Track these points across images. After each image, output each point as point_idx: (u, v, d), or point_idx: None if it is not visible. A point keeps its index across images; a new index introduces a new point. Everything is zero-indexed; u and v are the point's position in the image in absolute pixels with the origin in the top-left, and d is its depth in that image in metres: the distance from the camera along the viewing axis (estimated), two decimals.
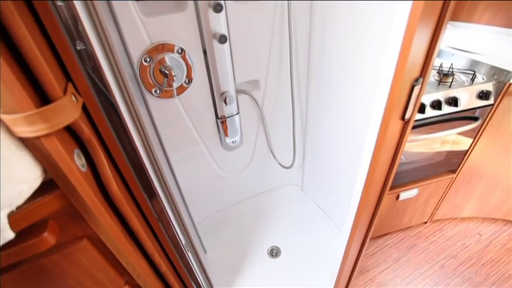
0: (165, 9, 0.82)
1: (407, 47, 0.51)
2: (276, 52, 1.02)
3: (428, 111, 1.02)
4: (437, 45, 0.52)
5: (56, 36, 0.39)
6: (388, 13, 0.68)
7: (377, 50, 0.77)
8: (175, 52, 0.87)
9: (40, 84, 0.37)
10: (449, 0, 0.50)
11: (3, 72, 0.33)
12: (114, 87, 0.50)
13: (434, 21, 0.56)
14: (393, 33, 0.60)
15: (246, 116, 1.14)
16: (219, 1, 0.79)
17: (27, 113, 0.35)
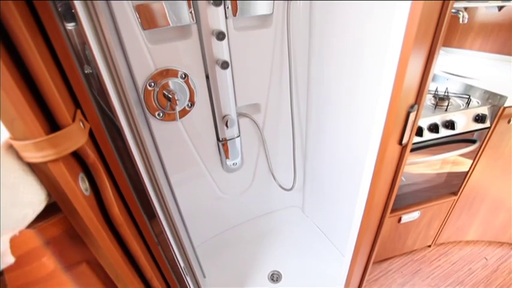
0: (171, 37, 0.86)
1: (402, 74, 0.53)
2: (276, 77, 1.06)
3: (426, 134, 1.04)
4: (431, 72, 0.54)
5: (66, 61, 0.41)
6: (384, 40, 0.71)
7: (374, 75, 0.80)
8: (178, 77, 0.90)
9: (50, 111, 0.39)
10: (440, 28, 0.53)
11: (17, 100, 0.35)
12: (119, 111, 0.52)
13: (427, 47, 0.59)
14: (388, 60, 0.64)
15: (247, 138, 1.16)
16: (222, 30, 0.83)
17: (37, 140, 0.36)
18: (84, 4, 0.63)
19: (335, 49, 0.91)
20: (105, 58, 0.63)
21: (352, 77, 0.88)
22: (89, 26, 0.57)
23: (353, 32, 0.82)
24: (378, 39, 0.73)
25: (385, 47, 0.70)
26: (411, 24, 0.55)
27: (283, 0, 0.92)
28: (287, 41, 0.97)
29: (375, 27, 0.73)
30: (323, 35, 0.94)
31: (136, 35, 0.80)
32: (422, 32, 0.54)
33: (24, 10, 0.34)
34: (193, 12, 0.83)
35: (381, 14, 0.69)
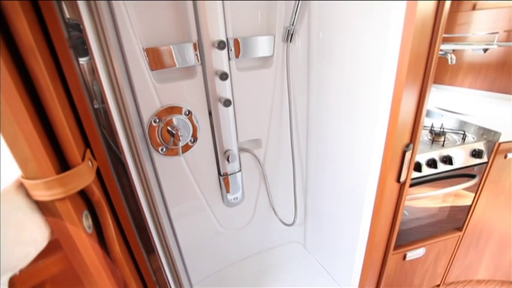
0: (177, 77, 0.92)
1: (396, 111, 0.56)
2: (277, 113, 1.10)
3: (424, 169, 1.05)
4: (424, 110, 0.57)
5: (80, 102, 0.44)
6: (377, 78, 0.75)
7: (369, 114, 0.83)
8: (183, 114, 0.94)
9: (62, 150, 0.41)
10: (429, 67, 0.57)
11: (33, 141, 0.37)
12: (126, 148, 0.54)
13: (418, 86, 0.63)
14: (382, 98, 0.67)
15: (248, 173, 1.17)
16: (225, 71, 0.89)
17: (48, 179, 0.38)
18: (98, 42, 0.69)
19: (332, 88, 0.96)
20: (115, 95, 0.67)
21: (349, 115, 0.91)
22: (102, 65, 0.62)
23: (349, 70, 0.87)
24: (372, 78, 0.78)
25: (379, 85, 0.74)
26: (402, 63, 0.60)
27: (283, 42, 0.99)
28: (287, 80, 1.02)
29: (369, 65, 0.77)
30: (320, 73, 1.00)
31: (144, 74, 0.85)
32: (413, 71, 0.59)
33: (45, 50, 0.37)
34: (198, 55, 0.89)
35: (374, 53, 0.74)
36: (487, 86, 1.56)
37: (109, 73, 0.77)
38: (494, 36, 1.41)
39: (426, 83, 0.64)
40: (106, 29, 0.74)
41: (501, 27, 1.42)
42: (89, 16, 0.68)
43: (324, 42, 0.94)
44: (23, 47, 0.33)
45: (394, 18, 0.65)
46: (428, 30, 0.64)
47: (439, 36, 0.64)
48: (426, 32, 0.64)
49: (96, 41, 0.69)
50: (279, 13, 0.94)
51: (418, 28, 0.61)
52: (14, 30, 0.32)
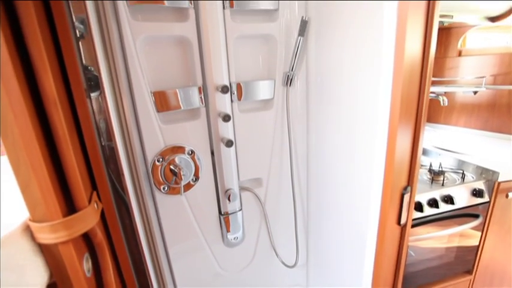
0: (181, 118, 0.96)
1: (392, 151, 0.58)
2: (277, 153, 1.12)
3: (426, 209, 1.04)
4: (419, 152, 0.59)
5: (91, 146, 0.46)
6: (373, 119, 0.79)
7: (366, 155, 0.85)
8: (186, 153, 0.96)
9: (70, 193, 0.42)
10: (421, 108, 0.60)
11: (44, 183, 0.38)
12: (130, 187, 0.56)
13: (411, 126, 0.66)
14: (378, 138, 0.70)
15: (249, 212, 1.16)
16: (228, 113, 0.93)
17: (54, 222, 0.39)
18: (111, 86, 0.73)
19: (330, 129, 1.00)
20: (123, 134, 0.70)
21: (347, 156, 0.94)
22: (113, 106, 0.66)
23: (345, 112, 0.91)
24: (367, 119, 0.81)
25: (374, 126, 0.77)
26: (394, 105, 0.63)
27: (283, 86, 1.05)
28: (287, 121, 1.07)
29: (364, 107, 0.82)
30: (319, 115, 1.05)
31: (150, 115, 0.89)
32: (406, 112, 0.62)
33: (65, 102, 0.41)
34: (203, 98, 0.94)
35: (368, 96, 0.79)
36: (481, 125, 1.61)
37: (119, 114, 0.81)
38: (482, 80, 1.49)
39: (419, 124, 0.67)
40: (119, 72, 0.81)
41: (487, 71, 1.51)
42: (105, 61, 0.74)
43: (322, 87, 1.00)
44: (47, 100, 0.36)
45: (384, 64, 0.70)
46: (417, 74, 0.70)
47: (428, 79, 0.69)
48: (415, 76, 0.69)
49: (109, 84, 0.74)
50: (279, 59, 1.02)
51: (407, 72, 0.66)
52: (40, 84, 0.36)
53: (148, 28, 0.83)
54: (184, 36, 0.88)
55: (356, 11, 0.80)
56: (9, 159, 0.37)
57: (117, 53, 0.80)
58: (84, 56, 0.60)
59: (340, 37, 0.88)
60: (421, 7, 0.67)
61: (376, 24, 0.72)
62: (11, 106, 0.33)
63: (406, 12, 0.62)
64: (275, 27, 0.97)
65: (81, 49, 0.57)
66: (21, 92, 0.33)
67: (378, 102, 0.74)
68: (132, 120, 0.86)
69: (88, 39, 0.67)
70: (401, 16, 0.64)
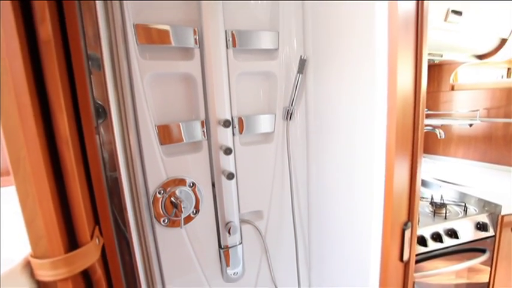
0: (184, 151, 0.98)
1: (390, 185, 0.59)
2: (278, 185, 1.13)
3: (430, 244, 1.02)
4: (417, 185, 0.60)
5: (97, 183, 0.48)
6: (370, 151, 0.80)
7: (365, 187, 0.86)
8: (187, 185, 0.97)
9: (74, 228, 0.43)
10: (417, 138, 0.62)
11: (49, 219, 0.39)
12: (132, 221, 0.56)
13: (408, 158, 0.67)
14: (375, 172, 0.71)
15: (249, 246, 1.13)
16: (229, 146, 0.95)
17: (55, 259, 0.39)
18: (119, 118, 0.76)
19: (330, 161, 1.01)
20: (127, 165, 0.71)
21: (347, 189, 0.94)
22: (119, 137, 0.68)
23: (344, 144, 0.93)
24: (365, 151, 0.83)
25: (372, 158, 0.79)
26: (390, 137, 0.65)
27: (283, 120, 1.08)
28: (287, 154, 1.09)
29: (361, 139, 0.84)
30: (318, 148, 1.07)
31: (154, 148, 0.91)
32: (402, 144, 0.64)
33: (76, 140, 0.43)
34: (205, 131, 0.97)
35: (364, 128, 0.82)
36: (479, 157, 1.62)
37: (124, 146, 0.83)
38: (476, 113, 1.53)
39: (416, 156, 0.69)
40: (127, 107, 0.84)
41: (481, 105, 1.56)
42: (115, 96, 0.78)
43: (321, 121, 1.03)
44: (59, 138, 0.38)
45: (378, 98, 0.74)
46: (410, 107, 0.73)
47: (421, 111, 0.72)
48: (408, 108, 0.72)
49: (117, 118, 0.77)
50: (279, 95, 1.06)
51: (400, 105, 0.69)
52: (55, 123, 0.38)
53: (156, 66, 0.88)
54: (189, 74, 0.93)
55: (350, 50, 0.86)
56: (18, 194, 0.38)
57: (127, 88, 0.84)
58: (93, 89, 0.63)
59: (337, 74, 0.93)
60: (410, 45, 0.72)
61: (369, 62, 0.77)
62: (26, 145, 0.35)
63: (396, 51, 0.66)
64: (275, 65, 1.03)
65: (92, 84, 0.61)
66: (37, 131, 0.35)
67: (374, 134, 0.76)
68: (136, 153, 0.88)
69: (98, 74, 0.71)
70: (391, 54, 0.68)
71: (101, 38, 0.61)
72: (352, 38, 0.85)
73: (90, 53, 0.73)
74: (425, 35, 0.72)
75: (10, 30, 0.34)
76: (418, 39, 0.73)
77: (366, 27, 0.78)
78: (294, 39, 1.05)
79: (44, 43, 0.35)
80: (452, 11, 1.05)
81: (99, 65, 0.67)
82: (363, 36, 0.80)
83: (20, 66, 0.34)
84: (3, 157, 0.87)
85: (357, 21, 0.82)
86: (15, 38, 0.34)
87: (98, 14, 0.69)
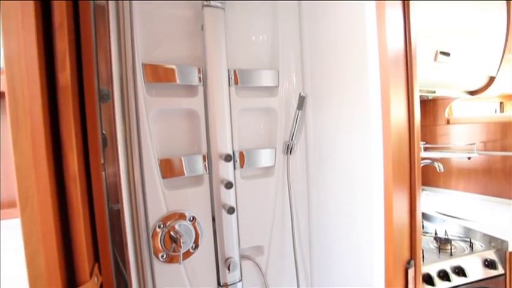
0: (185, 184, 0.99)
1: (390, 219, 0.59)
2: (279, 219, 1.12)
3: (437, 283, 0.98)
4: (418, 217, 0.60)
5: (101, 224, 0.48)
6: (368, 184, 0.81)
7: (366, 222, 0.85)
8: (187, 219, 0.96)
9: (74, 266, 0.42)
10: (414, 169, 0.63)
11: (51, 257, 0.39)
12: (132, 258, 0.55)
13: (407, 190, 0.67)
14: (375, 204, 0.71)
15: (249, 283, 1.09)
16: (230, 180, 0.96)
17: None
18: (125, 152, 0.78)
19: (330, 194, 1.02)
20: (130, 201, 0.72)
21: (348, 223, 0.93)
22: (124, 171, 0.69)
23: (344, 177, 0.94)
24: (364, 184, 0.84)
25: (371, 190, 0.79)
26: (387, 169, 0.66)
27: (283, 154, 1.10)
28: (288, 187, 1.09)
29: (360, 171, 0.85)
30: (319, 181, 1.07)
31: (156, 181, 0.92)
32: (399, 175, 0.65)
33: (83, 178, 0.44)
34: (207, 165, 0.98)
35: (362, 161, 0.83)
36: (481, 190, 1.62)
37: (128, 179, 0.84)
38: (473, 147, 1.56)
39: (414, 189, 0.69)
40: (133, 142, 0.87)
41: (477, 138, 1.60)
42: (122, 131, 0.80)
43: (321, 154, 1.05)
44: (68, 175, 0.40)
45: (374, 131, 0.77)
46: (405, 140, 0.75)
47: (416, 144, 0.74)
48: (403, 141, 0.74)
49: (123, 151, 0.80)
50: (280, 129, 1.09)
51: (395, 138, 0.71)
52: (65, 162, 0.40)
53: (161, 102, 0.93)
54: (192, 109, 0.97)
55: (346, 87, 0.90)
56: (23, 231, 0.38)
57: (133, 124, 0.87)
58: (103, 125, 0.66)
59: (335, 110, 0.97)
60: (401, 81, 0.76)
61: (364, 98, 0.81)
62: (37, 183, 0.37)
63: (388, 86, 0.70)
64: (276, 101, 1.07)
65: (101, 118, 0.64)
66: (48, 170, 0.37)
67: (372, 168, 0.78)
68: (139, 187, 0.89)
69: (106, 106, 0.75)
70: (384, 89, 0.72)
71: (113, 75, 0.65)
72: (347, 75, 0.90)
73: (102, 88, 0.77)
74: (415, 71, 0.77)
75: (33, 76, 0.37)
76: (408, 75, 0.78)
77: (360, 64, 0.83)
78: (294, 76, 1.11)
79: (62, 89, 0.38)
80: (441, 52, 1.12)
81: (108, 99, 0.71)
82: (357, 73, 0.85)
83: (39, 110, 0.36)
84: (4, 190, 0.88)
85: (350, 58, 0.88)
86: (37, 83, 0.37)
87: (112, 54, 0.74)
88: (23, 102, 0.37)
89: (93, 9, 0.50)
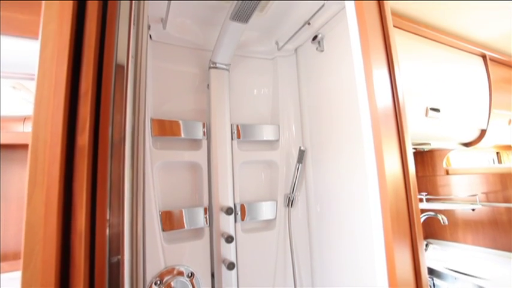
0: (185, 237, 0.97)
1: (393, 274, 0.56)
2: (281, 273, 1.07)
3: None
4: (424, 273, 0.57)
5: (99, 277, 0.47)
6: (369, 235, 0.79)
7: (369, 275, 0.81)
8: (185, 275, 0.92)
9: None
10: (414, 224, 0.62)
11: None
12: None
13: (408, 243, 0.66)
14: (377, 259, 0.69)
15: None
16: (231, 234, 0.95)
17: None
18: (130, 203, 0.78)
19: (333, 246, 0.99)
20: (131, 255, 0.70)
21: (352, 281, 0.89)
22: (128, 223, 0.68)
23: (346, 231, 0.92)
24: (365, 235, 0.82)
25: (372, 239, 0.77)
26: (386, 222, 0.66)
27: (285, 207, 1.10)
28: (289, 240, 1.06)
29: (360, 223, 0.84)
30: (321, 232, 1.05)
31: (156, 235, 0.91)
32: (399, 229, 0.64)
33: (87, 234, 0.44)
34: (207, 218, 0.98)
35: (361, 211, 0.83)
36: (490, 243, 1.56)
37: (131, 233, 0.83)
38: (476, 198, 1.55)
39: (416, 242, 0.68)
40: (139, 194, 0.88)
41: (478, 189, 1.59)
42: (129, 184, 0.82)
43: (322, 205, 1.05)
44: (74, 231, 0.41)
45: (371, 183, 0.78)
46: (402, 191, 0.75)
47: (413, 195, 0.74)
48: (400, 193, 0.75)
49: (129, 204, 0.80)
50: (280, 182, 1.11)
51: (391, 190, 0.72)
52: (74, 217, 0.41)
53: (166, 155, 0.96)
54: (195, 162, 1.00)
55: (342, 140, 0.95)
56: None
57: (141, 176, 0.89)
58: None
59: (333, 163, 1.00)
60: (392, 133, 0.79)
61: (359, 150, 0.85)
62: (44, 239, 0.38)
63: (380, 139, 0.74)
64: (276, 154, 1.11)
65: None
66: (56, 227, 0.38)
67: (372, 219, 0.77)
68: (140, 240, 0.87)
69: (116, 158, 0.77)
70: (376, 141, 0.75)
71: (126, 132, 0.69)
72: (343, 129, 0.95)
73: (114, 140, 0.81)
74: (405, 124, 0.81)
75: (56, 139, 0.41)
76: (399, 128, 0.82)
77: (353, 119, 0.89)
78: (293, 129, 1.17)
79: (79, 149, 0.42)
80: (431, 108, 1.19)
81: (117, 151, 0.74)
82: (351, 127, 0.90)
83: (56, 170, 0.39)
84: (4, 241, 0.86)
85: (345, 113, 0.94)
86: (58, 145, 0.40)
87: (127, 111, 0.80)
88: (43, 163, 0.40)
89: (114, 71, 0.56)
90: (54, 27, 0.44)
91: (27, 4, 0.82)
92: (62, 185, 0.40)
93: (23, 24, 0.80)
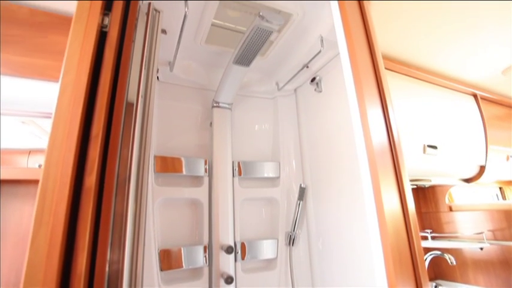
0: (183, 278, 0.94)
1: None
2: None
3: None
4: None
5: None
6: (371, 278, 0.77)
7: None
8: None
9: None
10: None
11: None
12: None
13: (412, 281, 0.63)
14: None
15: None
16: (231, 274, 0.92)
17: None
18: (131, 239, 0.77)
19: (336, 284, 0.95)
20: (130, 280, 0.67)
21: None
22: (128, 262, 0.67)
23: (349, 269, 0.89)
24: (369, 277, 0.79)
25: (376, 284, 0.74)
26: (388, 262, 0.64)
27: (286, 246, 1.07)
28: (291, 281, 1.02)
29: (363, 263, 0.82)
30: (323, 271, 1.01)
31: (153, 275, 0.88)
32: (401, 269, 0.62)
33: None
34: (207, 257, 0.95)
35: (363, 251, 0.80)
36: (503, 285, 1.48)
37: (131, 271, 0.81)
38: (482, 236, 1.51)
39: (420, 284, 0.66)
40: (141, 233, 0.87)
41: (484, 226, 1.56)
42: (132, 224, 0.81)
43: (323, 243, 1.03)
44: (74, 273, 0.41)
45: (371, 221, 0.77)
46: (402, 228, 0.74)
47: (414, 232, 0.72)
48: (401, 230, 0.73)
49: (130, 244, 0.79)
50: (281, 220, 1.10)
51: (391, 227, 0.70)
52: (74, 259, 0.41)
53: (167, 192, 0.97)
54: (196, 199, 1.00)
55: (341, 177, 0.96)
56: None
57: (143, 214, 0.89)
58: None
59: (334, 200, 1.00)
60: (389, 169, 0.80)
61: (359, 189, 0.85)
62: (43, 282, 0.37)
63: (377, 174, 0.74)
64: (277, 191, 1.12)
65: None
66: (57, 270, 0.38)
67: (374, 257, 0.75)
68: (139, 281, 0.85)
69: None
70: (374, 177, 0.76)
71: (131, 172, 0.71)
72: (342, 166, 0.96)
73: (120, 178, 0.82)
74: (401, 161, 0.82)
75: (65, 180, 0.42)
76: (395, 165, 0.83)
77: (351, 157, 0.91)
78: (294, 166, 1.18)
79: (86, 190, 0.43)
80: (428, 145, 1.22)
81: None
82: (350, 165, 0.92)
83: (63, 210, 0.40)
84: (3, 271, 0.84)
85: (343, 151, 0.96)
86: (66, 186, 0.42)
87: (134, 147, 0.82)
88: (50, 202, 0.41)
89: (124, 109, 0.59)
90: (73, 77, 0.48)
91: (44, 50, 0.89)
92: (66, 226, 0.41)
93: (41, 69, 0.85)
